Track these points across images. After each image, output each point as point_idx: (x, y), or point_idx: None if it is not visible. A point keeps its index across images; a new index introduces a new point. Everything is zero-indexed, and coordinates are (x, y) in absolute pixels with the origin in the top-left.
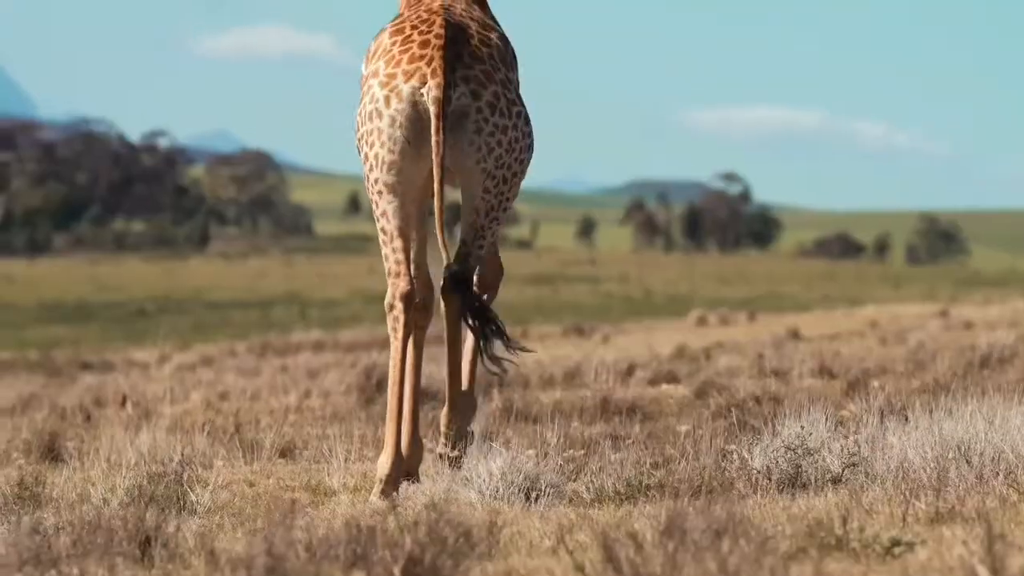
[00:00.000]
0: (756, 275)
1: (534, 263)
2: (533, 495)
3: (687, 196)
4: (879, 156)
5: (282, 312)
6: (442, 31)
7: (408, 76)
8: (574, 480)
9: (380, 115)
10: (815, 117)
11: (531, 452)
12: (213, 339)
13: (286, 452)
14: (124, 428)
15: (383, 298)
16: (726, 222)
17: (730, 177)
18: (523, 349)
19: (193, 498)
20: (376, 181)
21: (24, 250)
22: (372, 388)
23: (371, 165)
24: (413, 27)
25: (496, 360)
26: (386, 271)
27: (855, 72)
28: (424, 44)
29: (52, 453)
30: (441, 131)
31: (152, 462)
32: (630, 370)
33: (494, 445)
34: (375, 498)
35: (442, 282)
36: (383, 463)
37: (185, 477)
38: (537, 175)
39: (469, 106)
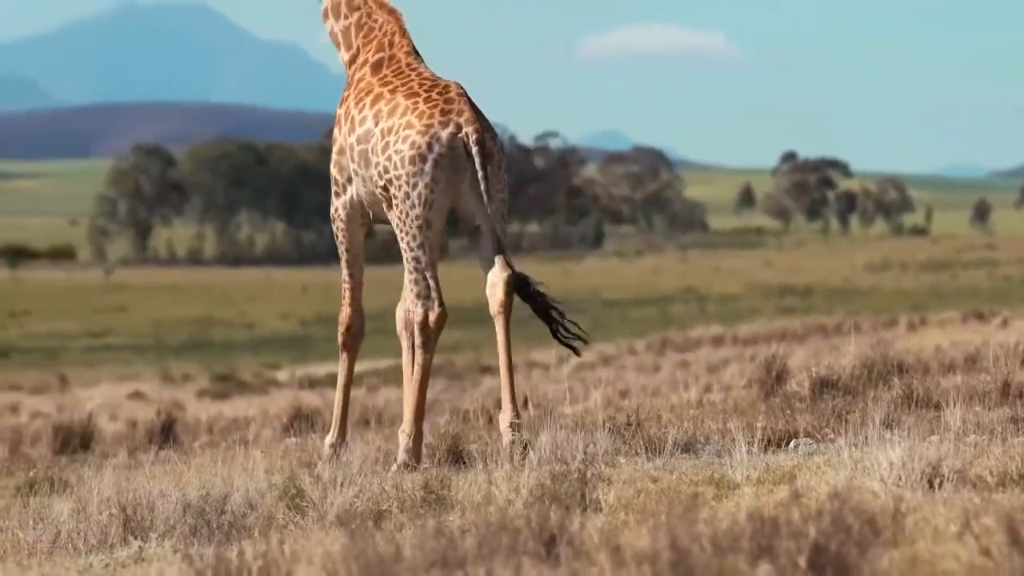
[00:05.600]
0: None
1: (930, 249)
2: (936, 481)
3: None
4: None
5: (679, 308)
6: (462, 91)
7: (444, 125)
8: (977, 465)
9: (424, 159)
10: None
11: (933, 438)
12: (611, 338)
13: (688, 447)
14: (526, 429)
15: (779, 292)
16: None
17: None
18: (578, 338)
19: (597, 495)
20: (418, 217)
21: None
22: (772, 381)
23: (413, 203)
24: (428, 90)
25: (569, 337)
26: (416, 294)
27: None
28: (449, 100)
29: (455, 456)
30: (485, 167)
31: (555, 461)
32: None
33: (894, 434)
34: (399, 464)
35: (503, 286)
36: (403, 438)
37: (588, 475)
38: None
39: (494, 148)
